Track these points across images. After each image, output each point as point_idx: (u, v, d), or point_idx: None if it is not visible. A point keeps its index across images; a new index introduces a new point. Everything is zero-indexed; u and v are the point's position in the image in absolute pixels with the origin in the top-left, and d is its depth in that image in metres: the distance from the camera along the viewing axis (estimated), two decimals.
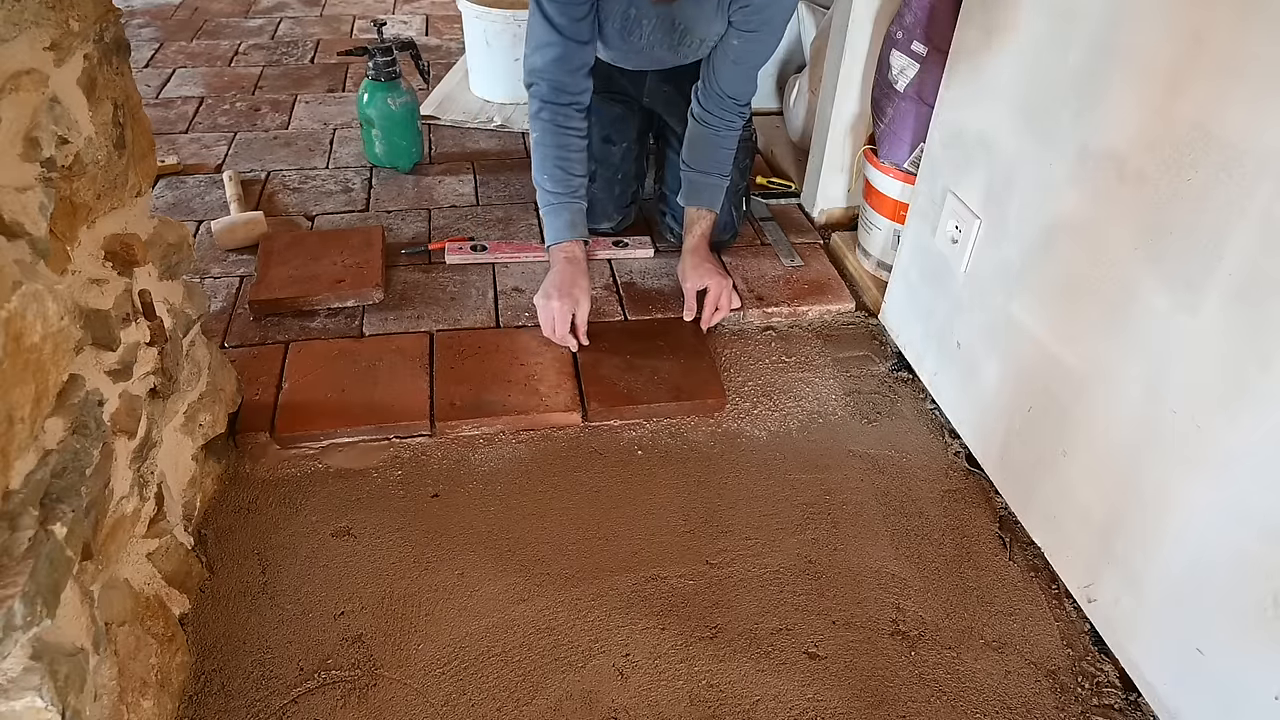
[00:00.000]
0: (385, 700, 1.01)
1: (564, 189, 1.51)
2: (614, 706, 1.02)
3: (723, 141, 1.59)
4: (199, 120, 2.21)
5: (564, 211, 1.52)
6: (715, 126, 1.56)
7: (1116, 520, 1.04)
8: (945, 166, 1.35)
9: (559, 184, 1.51)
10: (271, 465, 1.29)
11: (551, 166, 1.50)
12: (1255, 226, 0.82)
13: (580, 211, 1.54)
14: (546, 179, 1.51)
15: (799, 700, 1.04)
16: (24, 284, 0.68)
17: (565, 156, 1.50)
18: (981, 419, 1.31)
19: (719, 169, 1.61)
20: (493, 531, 1.22)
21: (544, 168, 1.50)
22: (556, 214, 1.52)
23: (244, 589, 1.13)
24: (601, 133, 1.67)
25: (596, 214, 1.74)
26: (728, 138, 1.58)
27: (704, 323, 1.56)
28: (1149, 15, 0.93)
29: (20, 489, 0.69)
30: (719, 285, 1.55)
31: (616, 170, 1.71)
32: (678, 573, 1.18)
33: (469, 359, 1.48)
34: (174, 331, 1.04)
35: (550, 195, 1.52)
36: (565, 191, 1.51)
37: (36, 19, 0.75)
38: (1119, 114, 0.98)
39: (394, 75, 1.89)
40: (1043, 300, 1.14)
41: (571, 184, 1.51)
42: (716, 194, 1.62)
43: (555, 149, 1.49)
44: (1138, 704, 1.05)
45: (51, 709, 0.70)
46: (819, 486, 1.32)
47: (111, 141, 0.89)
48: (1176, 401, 0.93)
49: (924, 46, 1.43)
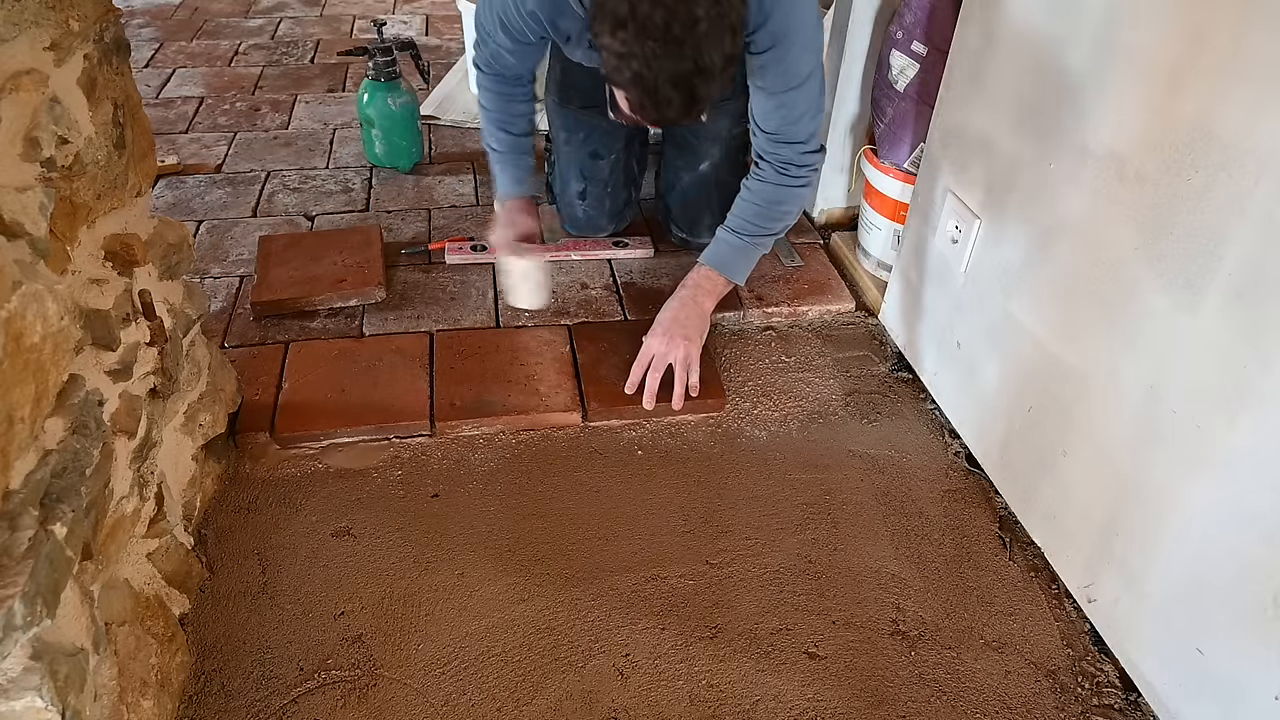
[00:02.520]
0: (385, 700, 1.01)
1: (509, 148, 1.52)
2: (614, 706, 1.02)
3: (757, 194, 1.39)
4: (199, 120, 2.21)
5: (509, 168, 1.52)
6: (760, 173, 1.39)
7: (1116, 520, 1.04)
8: (945, 166, 1.35)
9: (504, 144, 1.51)
10: (271, 465, 1.29)
11: (496, 129, 1.51)
12: (1255, 226, 0.82)
13: (528, 168, 1.54)
14: (494, 140, 1.52)
15: (799, 700, 1.04)
16: (24, 284, 0.68)
17: (509, 119, 1.50)
18: (981, 419, 1.31)
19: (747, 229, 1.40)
20: (493, 531, 1.22)
21: (491, 131, 1.52)
22: (503, 169, 1.53)
23: (244, 589, 1.13)
24: (589, 148, 1.64)
25: (591, 227, 1.74)
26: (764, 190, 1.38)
27: (673, 403, 1.39)
28: (1149, 15, 0.93)
29: (20, 489, 0.69)
30: (663, 353, 1.39)
31: (606, 184, 1.69)
32: (678, 573, 1.18)
33: (469, 359, 1.48)
34: (174, 331, 1.04)
35: (497, 155, 1.53)
36: (510, 150, 1.52)
37: (36, 19, 0.75)
38: (1119, 114, 0.98)
39: (394, 75, 1.89)
40: (1043, 300, 1.14)
41: (518, 143, 1.52)
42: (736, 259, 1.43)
43: (498, 113, 1.50)
44: (1138, 704, 1.05)
45: (51, 709, 0.70)
46: (819, 486, 1.32)
47: (111, 141, 0.89)
48: (1176, 401, 0.93)
49: (924, 46, 1.43)
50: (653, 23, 1.00)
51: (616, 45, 1.03)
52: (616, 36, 1.03)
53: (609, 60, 1.06)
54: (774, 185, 1.38)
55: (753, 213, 1.41)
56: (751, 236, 1.42)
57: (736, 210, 1.43)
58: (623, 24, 1.02)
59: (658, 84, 1.05)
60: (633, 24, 1.01)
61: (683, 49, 1.02)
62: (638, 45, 1.02)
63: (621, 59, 1.04)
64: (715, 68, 1.05)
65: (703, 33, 1.02)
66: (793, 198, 1.40)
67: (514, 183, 1.52)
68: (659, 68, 1.03)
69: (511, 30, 1.35)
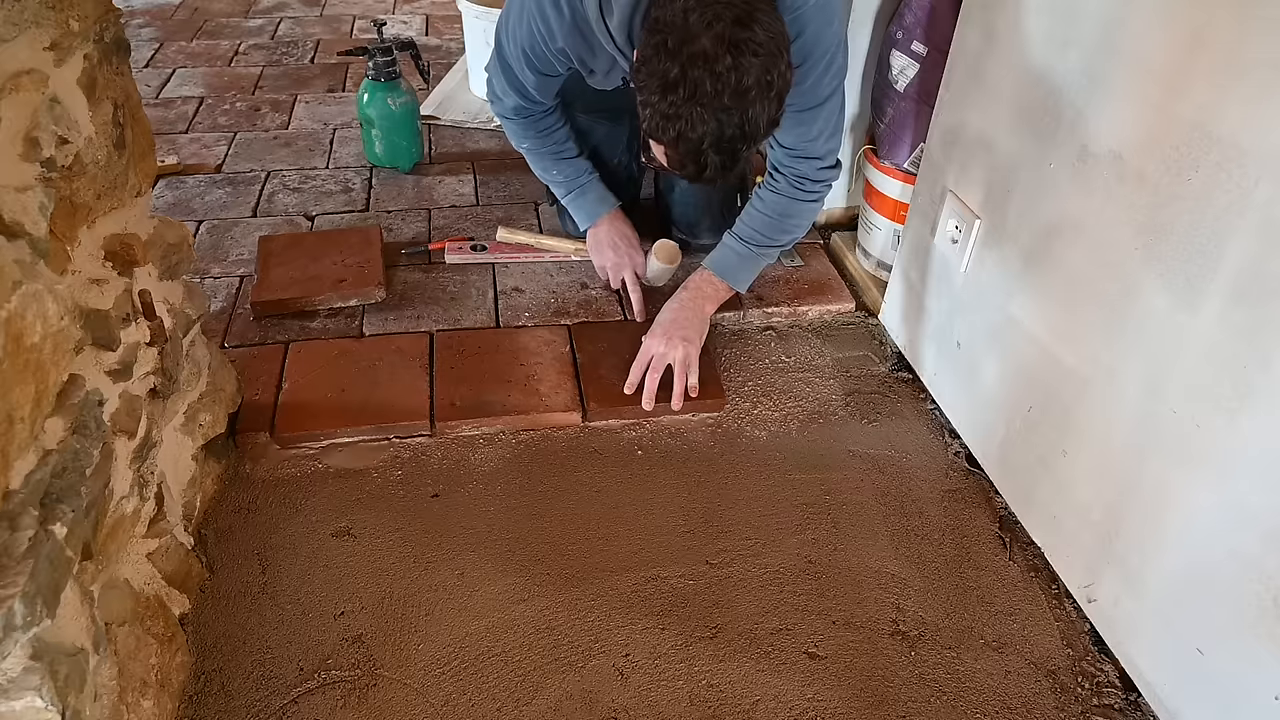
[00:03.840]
0: (385, 700, 1.01)
1: (574, 172, 1.52)
2: (614, 706, 1.02)
3: (769, 205, 1.39)
4: (199, 120, 2.21)
5: (587, 192, 1.52)
6: (774, 184, 1.39)
7: (1116, 520, 1.04)
8: (945, 166, 1.35)
9: (567, 172, 1.51)
10: (271, 465, 1.29)
11: (551, 163, 1.50)
12: (1255, 226, 0.82)
13: (599, 184, 1.53)
14: (555, 172, 1.51)
15: (799, 700, 1.04)
16: (24, 284, 0.68)
17: (558, 148, 1.50)
18: (981, 419, 1.31)
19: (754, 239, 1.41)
20: (492, 531, 1.22)
21: (547, 165, 1.50)
22: (581, 197, 1.52)
23: (244, 589, 1.13)
24: (590, 152, 1.63)
25: None
26: (777, 202, 1.39)
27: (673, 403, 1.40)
28: (1149, 15, 0.93)
29: (20, 489, 0.69)
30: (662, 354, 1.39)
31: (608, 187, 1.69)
32: (678, 573, 1.18)
33: (469, 359, 1.48)
34: (174, 331, 1.04)
35: (565, 186, 1.52)
36: (576, 174, 1.52)
37: (36, 19, 0.75)
38: (1119, 114, 0.98)
39: (394, 75, 1.89)
40: (1043, 300, 1.14)
41: (580, 166, 1.52)
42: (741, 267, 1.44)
43: (547, 149, 1.50)
44: (1138, 704, 1.05)
45: (51, 709, 0.70)
46: (819, 486, 1.32)
47: (111, 141, 0.89)
48: (1176, 401, 0.93)
49: (924, 46, 1.43)
50: (704, 90, 1.00)
51: (665, 107, 1.03)
52: (666, 99, 1.02)
53: (653, 118, 1.05)
54: (787, 198, 1.39)
55: (762, 223, 1.41)
56: (758, 246, 1.43)
57: (746, 219, 1.43)
58: (673, 88, 1.01)
59: (701, 147, 1.05)
60: (684, 89, 1.00)
61: (730, 116, 1.02)
62: (686, 109, 1.01)
63: (667, 120, 1.04)
64: (759, 134, 1.05)
65: (751, 100, 1.02)
66: (804, 211, 1.40)
67: (599, 201, 1.51)
68: (704, 132, 1.03)
69: (538, 65, 1.34)
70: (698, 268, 1.47)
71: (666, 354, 1.39)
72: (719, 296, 1.46)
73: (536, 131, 1.49)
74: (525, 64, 1.35)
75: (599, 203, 1.50)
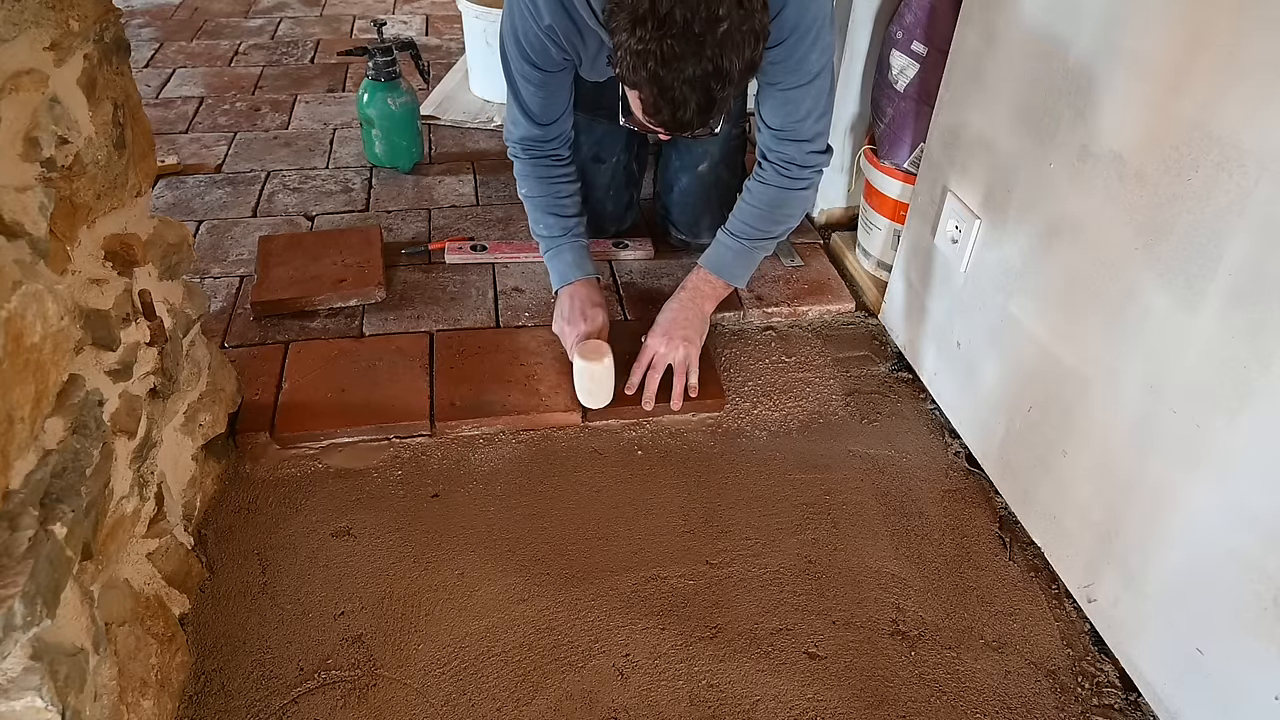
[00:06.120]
0: (385, 700, 1.01)
1: (560, 230, 1.47)
2: (614, 706, 1.02)
3: (758, 197, 1.38)
4: (199, 120, 2.21)
5: (565, 253, 1.46)
6: (762, 174, 1.37)
7: (1116, 520, 1.04)
8: (945, 166, 1.35)
9: (554, 228, 1.47)
10: (271, 465, 1.29)
11: (544, 214, 1.46)
12: (1255, 226, 0.82)
13: (583, 249, 1.48)
14: (542, 227, 1.47)
15: (799, 700, 1.04)
16: (24, 284, 0.68)
17: (557, 204, 1.46)
18: (981, 419, 1.32)
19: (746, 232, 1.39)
20: (492, 531, 1.22)
21: (539, 218, 1.47)
22: (559, 256, 1.47)
23: (244, 589, 1.13)
24: (590, 151, 1.63)
25: (593, 228, 1.73)
26: (765, 193, 1.37)
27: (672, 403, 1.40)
28: (1149, 15, 0.93)
29: (20, 489, 0.69)
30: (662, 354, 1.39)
31: (608, 187, 1.69)
32: (678, 573, 1.18)
33: (469, 359, 1.48)
34: (174, 331, 1.04)
35: (548, 241, 1.48)
36: (562, 233, 1.47)
37: (36, 19, 0.75)
38: (1119, 114, 0.98)
39: (394, 75, 1.89)
40: (1043, 300, 1.14)
41: (568, 224, 1.47)
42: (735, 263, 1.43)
43: (545, 198, 1.46)
44: (1138, 704, 1.05)
45: (51, 709, 0.70)
46: (819, 486, 1.32)
47: (111, 141, 0.89)
48: (1176, 401, 0.93)
49: (924, 46, 1.43)
50: (673, 19, 0.97)
51: (633, 43, 1.00)
52: (634, 33, 0.99)
53: (625, 58, 1.02)
54: (775, 188, 1.37)
55: (753, 216, 1.40)
56: (751, 240, 1.41)
57: (737, 213, 1.42)
58: (642, 21, 0.98)
59: (674, 84, 1.01)
60: (652, 20, 0.97)
61: (702, 49, 0.99)
62: (655, 43, 0.98)
63: (638, 57, 1.00)
64: (734, 72, 1.02)
65: (724, 33, 0.98)
66: (794, 201, 1.38)
67: (573, 267, 1.46)
68: (677, 67, 0.99)
69: (534, 56, 1.31)
70: (694, 266, 1.46)
71: (667, 354, 1.39)
72: (717, 294, 1.45)
73: (539, 176, 1.45)
74: (522, 57, 1.33)
75: (574, 267, 1.46)
